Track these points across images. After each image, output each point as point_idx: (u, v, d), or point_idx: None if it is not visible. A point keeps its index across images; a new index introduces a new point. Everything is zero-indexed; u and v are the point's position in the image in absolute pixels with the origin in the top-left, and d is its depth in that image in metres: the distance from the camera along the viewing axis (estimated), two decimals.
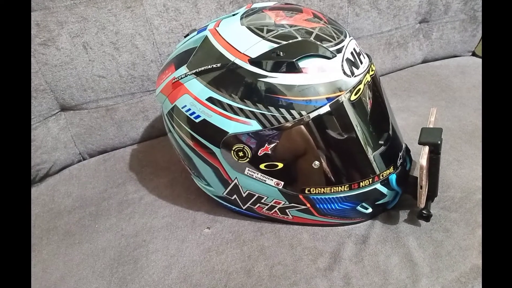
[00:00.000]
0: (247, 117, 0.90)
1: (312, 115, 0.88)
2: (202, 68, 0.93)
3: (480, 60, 1.74)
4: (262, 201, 1.01)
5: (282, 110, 0.88)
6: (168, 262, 0.99)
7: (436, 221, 0.99)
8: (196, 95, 0.94)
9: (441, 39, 1.74)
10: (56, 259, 1.03)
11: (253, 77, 0.89)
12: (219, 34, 0.96)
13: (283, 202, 0.99)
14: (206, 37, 0.98)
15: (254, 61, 0.89)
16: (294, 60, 0.88)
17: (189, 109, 0.95)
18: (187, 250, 1.01)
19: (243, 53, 0.90)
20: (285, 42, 0.90)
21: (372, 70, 0.98)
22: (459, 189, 1.06)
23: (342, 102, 0.90)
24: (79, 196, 1.24)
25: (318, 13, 1.02)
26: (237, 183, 0.99)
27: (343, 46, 0.93)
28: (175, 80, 0.98)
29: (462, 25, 1.73)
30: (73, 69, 1.29)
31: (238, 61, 0.90)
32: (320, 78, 0.89)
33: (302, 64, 0.88)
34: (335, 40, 0.94)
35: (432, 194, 0.99)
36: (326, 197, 0.97)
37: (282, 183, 0.96)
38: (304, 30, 0.93)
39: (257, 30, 0.93)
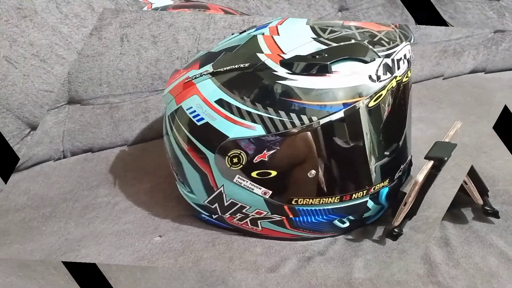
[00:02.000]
0: (253, 121, 0.95)
1: (323, 121, 0.93)
2: (223, 69, 0.98)
3: None
4: (244, 210, 1.04)
5: (293, 115, 0.93)
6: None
7: (401, 241, 1.03)
8: (205, 97, 0.99)
9: (508, 50, 1.79)
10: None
11: (271, 79, 0.93)
12: (277, 32, 1.03)
13: (265, 213, 1.03)
14: (254, 36, 1.03)
15: (286, 63, 0.94)
16: (328, 63, 0.92)
17: (194, 111, 1.00)
18: (119, 257, 1.04)
19: (280, 54, 0.96)
20: (335, 44, 0.95)
21: (406, 77, 1.01)
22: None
23: (359, 108, 0.94)
24: (39, 195, 1.28)
25: (228, 8, 1.08)
26: (222, 191, 1.03)
27: (394, 52, 0.97)
28: (188, 79, 1.02)
29: (385, 10, 1.79)
30: (101, 61, 1.39)
31: (269, 62, 0.95)
32: (343, 82, 0.93)
33: (335, 67, 0.93)
34: (389, 44, 0.98)
35: (412, 212, 1.02)
36: (313, 208, 1.02)
37: (270, 192, 1.00)
38: (369, 33, 0.99)
39: (319, 30, 0.98)
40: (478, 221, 1.05)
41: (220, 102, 0.97)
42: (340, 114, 0.93)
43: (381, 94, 0.96)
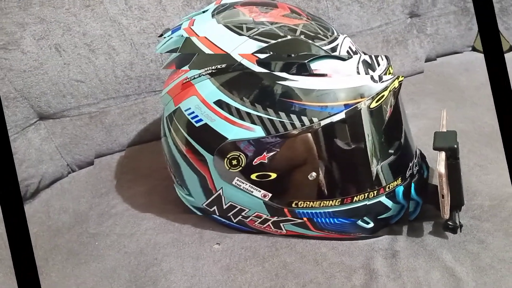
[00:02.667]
0: (253, 122, 0.89)
1: (324, 122, 0.88)
2: (216, 68, 0.92)
3: (482, 56, 1.73)
4: (243, 213, 1.00)
5: (293, 116, 0.88)
6: (190, 283, 0.97)
7: (468, 231, 0.98)
8: (204, 97, 0.93)
9: (437, 34, 1.75)
10: (67, 282, 1.01)
11: (272, 80, 0.89)
12: (195, 33, 0.96)
13: (265, 216, 0.98)
14: (188, 38, 0.97)
15: (263, 62, 0.89)
16: (306, 61, 0.88)
17: (193, 112, 0.95)
18: (203, 268, 0.99)
19: (251, 54, 0.90)
20: (273, 41, 0.90)
21: (389, 73, 0.96)
22: (487, 196, 1.06)
23: (360, 109, 0.89)
24: (74, 211, 1.21)
25: (296, 8, 1.02)
26: (221, 194, 0.99)
27: (337, 45, 0.93)
28: (187, 80, 0.96)
29: (456, 18, 1.74)
30: (45, 74, 1.28)
31: (246, 62, 0.90)
32: (344, 83, 0.89)
33: (315, 66, 0.89)
34: (326, 38, 0.94)
35: (458, 203, 0.97)
36: (313, 211, 0.96)
37: (270, 195, 0.95)
38: (287, 28, 0.94)
39: (236, 29, 0.94)
40: (433, 235, 1.00)
41: (219, 103, 0.92)
42: (342, 115, 0.89)
43: (383, 95, 0.91)
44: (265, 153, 0.90)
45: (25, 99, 1.28)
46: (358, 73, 0.91)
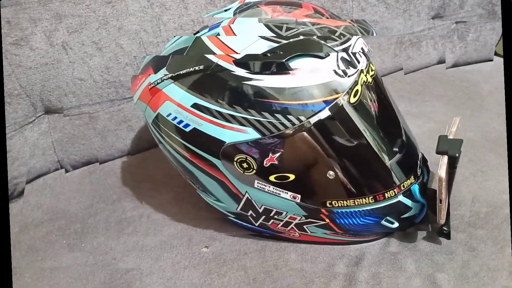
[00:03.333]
0: (241, 124, 0.89)
1: (313, 120, 0.88)
2: (181, 72, 0.92)
3: (501, 60, 1.70)
4: (280, 216, 0.99)
5: (278, 115, 0.87)
6: (164, 286, 0.98)
7: (461, 239, 0.97)
8: (179, 102, 0.93)
9: (477, 41, 1.73)
10: (40, 283, 1.02)
11: (238, 81, 0.88)
12: (232, 31, 0.95)
13: (299, 218, 0.98)
14: (198, 37, 0.96)
15: (240, 62, 0.88)
16: (284, 60, 0.87)
17: (175, 117, 0.94)
18: (184, 272, 1.00)
19: (232, 54, 0.89)
20: (285, 42, 0.88)
21: (372, 70, 0.97)
22: (484, 203, 1.05)
23: (342, 105, 0.89)
24: (52, 209, 1.23)
25: (320, 8, 1.01)
26: (249, 197, 0.98)
27: (349, 46, 0.92)
28: (152, 85, 0.97)
29: (480, 21, 1.73)
30: (51, 71, 1.28)
31: (222, 63, 0.89)
32: (311, 80, 0.88)
33: (293, 64, 0.88)
34: (340, 38, 0.92)
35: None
36: (350, 210, 0.96)
37: (299, 196, 0.94)
38: (328, 29, 0.92)
39: (275, 28, 0.91)
40: (426, 240, 1.00)
41: (197, 106, 0.92)
42: (327, 112, 0.88)
43: (358, 90, 0.92)
44: (270, 154, 0.90)
45: (28, 96, 1.28)
46: (334, 70, 0.89)
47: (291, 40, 0.89)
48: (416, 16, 1.64)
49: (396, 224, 0.98)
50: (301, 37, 0.89)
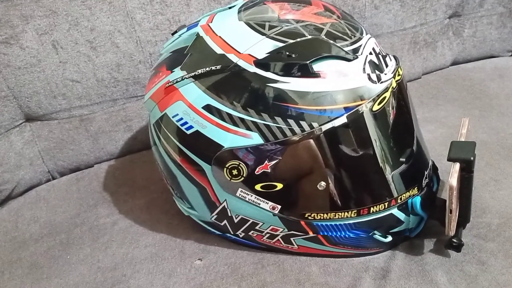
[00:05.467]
0: (248, 128, 0.89)
1: (325, 127, 0.87)
2: (202, 71, 0.92)
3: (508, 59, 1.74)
4: (257, 227, 0.99)
5: (290, 121, 0.87)
6: None
7: (469, 251, 0.97)
8: (191, 102, 0.93)
9: (474, 36, 1.74)
10: None
11: (262, 82, 0.88)
12: (213, 31, 0.96)
13: (281, 229, 0.98)
14: (199, 35, 0.97)
15: (261, 63, 0.88)
16: (308, 62, 0.87)
17: (181, 119, 0.94)
18: (175, 286, 1.00)
19: (247, 54, 0.89)
20: (292, 41, 0.89)
21: (399, 75, 0.96)
22: (497, 214, 1.05)
23: (362, 112, 0.89)
24: (48, 222, 1.22)
25: (330, 6, 1.01)
26: (226, 207, 0.98)
27: (360, 46, 0.92)
28: (170, 84, 0.97)
29: (500, 20, 1.73)
30: (41, 72, 1.29)
31: (242, 63, 0.89)
32: (340, 84, 0.88)
33: (317, 67, 0.87)
34: (351, 38, 0.93)
35: (463, 219, 0.97)
36: (332, 223, 0.95)
37: (279, 207, 0.95)
38: (313, 27, 0.93)
39: (258, 27, 0.92)
40: (434, 253, 0.99)
41: (208, 108, 0.92)
42: (343, 120, 0.88)
43: (385, 97, 0.91)
44: (266, 161, 0.90)
45: (15, 98, 1.29)
46: (368, 75, 0.90)
47: (298, 39, 0.90)
48: (433, 14, 1.64)
49: (389, 238, 0.98)
50: (309, 36, 0.90)
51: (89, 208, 1.25)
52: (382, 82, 0.91)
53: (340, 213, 0.94)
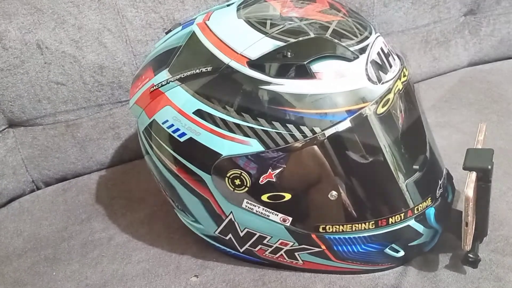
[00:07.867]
0: (246, 135, 0.88)
1: (328, 132, 0.86)
2: (189, 73, 0.92)
3: None
4: (265, 241, 0.98)
5: (290, 126, 0.86)
6: None
7: (486, 267, 0.96)
8: (180, 107, 0.93)
9: (492, 36, 1.73)
10: None
11: (254, 85, 0.87)
12: (210, 29, 0.96)
13: (291, 244, 0.96)
14: (194, 34, 0.97)
15: (255, 64, 0.88)
16: (305, 62, 0.86)
17: (172, 125, 0.94)
18: None
19: (240, 54, 0.89)
20: (294, 40, 0.89)
21: (404, 76, 0.96)
22: None
23: (367, 116, 0.88)
24: (32, 235, 1.22)
25: (336, 3, 1.01)
26: (233, 219, 0.97)
27: (367, 45, 0.92)
28: (154, 88, 0.97)
29: None
30: (25, 74, 1.29)
31: (234, 64, 0.89)
32: (339, 86, 0.88)
33: (315, 67, 0.87)
34: (357, 37, 0.93)
35: (480, 233, 0.96)
36: (346, 236, 0.94)
37: (290, 219, 0.93)
38: (318, 25, 0.93)
39: (258, 25, 0.92)
40: (448, 269, 0.98)
41: (199, 113, 0.91)
42: (347, 124, 0.87)
43: (389, 99, 0.91)
44: (270, 170, 0.89)
45: None
46: (367, 75, 0.89)
47: (301, 38, 0.89)
48: (446, 12, 1.65)
49: (401, 253, 0.97)
50: (312, 35, 0.90)
51: (81, 222, 1.25)
52: (383, 83, 0.91)
53: (356, 225, 0.94)
